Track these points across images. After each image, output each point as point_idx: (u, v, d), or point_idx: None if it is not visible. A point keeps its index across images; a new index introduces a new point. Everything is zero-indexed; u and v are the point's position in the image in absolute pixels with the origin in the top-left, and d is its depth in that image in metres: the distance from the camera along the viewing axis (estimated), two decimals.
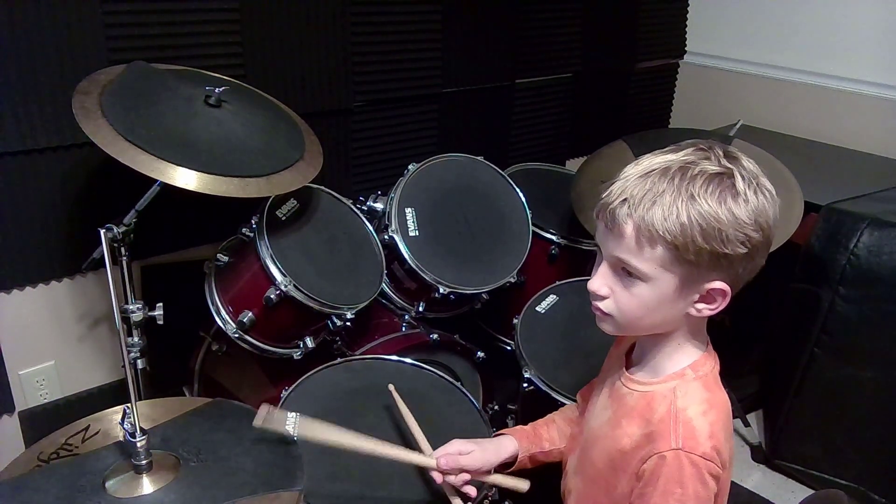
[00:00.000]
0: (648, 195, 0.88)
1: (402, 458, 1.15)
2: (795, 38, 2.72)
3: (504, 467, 1.20)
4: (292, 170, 1.50)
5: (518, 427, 1.26)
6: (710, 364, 0.99)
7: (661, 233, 0.87)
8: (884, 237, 1.85)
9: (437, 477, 1.14)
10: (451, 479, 1.13)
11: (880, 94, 2.52)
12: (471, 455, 1.14)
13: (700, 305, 0.93)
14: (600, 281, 0.96)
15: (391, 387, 1.37)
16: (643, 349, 1.03)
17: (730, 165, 0.89)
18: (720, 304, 0.92)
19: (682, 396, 0.95)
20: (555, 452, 1.22)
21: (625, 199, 0.89)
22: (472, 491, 1.14)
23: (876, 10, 2.51)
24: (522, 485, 1.17)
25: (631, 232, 0.89)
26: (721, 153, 0.90)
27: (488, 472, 1.17)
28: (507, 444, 1.20)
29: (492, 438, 1.23)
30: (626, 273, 0.93)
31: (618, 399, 1.04)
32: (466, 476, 1.13)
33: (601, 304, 0.97)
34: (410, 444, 1.25)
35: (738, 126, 2.31)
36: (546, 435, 1.24)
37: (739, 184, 0.88)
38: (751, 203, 0.88)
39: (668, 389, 0.96)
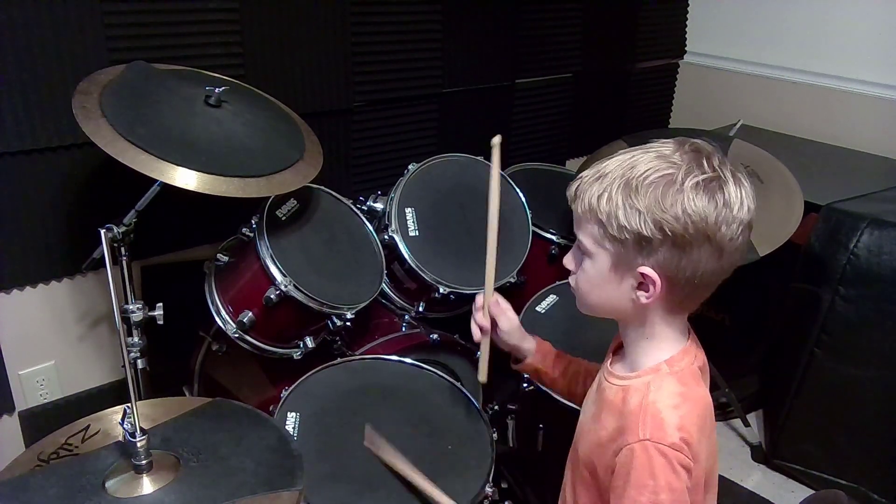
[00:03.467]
0: (595, 175, 0.95)
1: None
2: (796, 38, 2.72)
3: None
4: (292, 170, 1.50)
5: (547, 344, 1.33)
6: (688, 359, 0.99)
7: (593, 208, 0.94)
8: (884, 237, 1.85)
9: (479, 301, 1.28)
10: (478, 316, 1.27)
11: (880, 94, 2.52)
12: (510, 318, 1.27)
13: (639, 292, 0.96)
14: (569, 257, 1.05)
15: (367, 427, 1.32)
16: (625, 345, 1.06)
17: (686, 162, 0.90)
18: (653, 293, 0.94)
19: (655, 390, 0.96)
20: (558, 386, 1.32)
21: (580, 179, 0.98)
22: (476, 333, 1.27)
23: (876, 10, 2.51)
24: None
25: (579, 209, 0.97)
26: (688, 149, 0.92)
27: (497, 341, 1.29)
28: (529, 343, 1.30)
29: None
30: (579, 250, 1.01)
31: (600, 393, 1.06)
32: (487, 325, 1.26)
33: (570, 279, 1.05)
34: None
35: (738, 126, 2.31)
36: (553, 374, 1.30)
37: (680, 175, 0.89)
38: (685, 195, 0.89)
39: (642, 384, 0.98)
